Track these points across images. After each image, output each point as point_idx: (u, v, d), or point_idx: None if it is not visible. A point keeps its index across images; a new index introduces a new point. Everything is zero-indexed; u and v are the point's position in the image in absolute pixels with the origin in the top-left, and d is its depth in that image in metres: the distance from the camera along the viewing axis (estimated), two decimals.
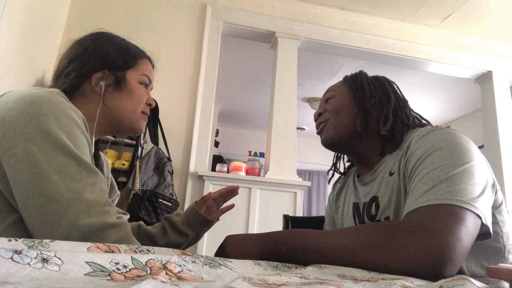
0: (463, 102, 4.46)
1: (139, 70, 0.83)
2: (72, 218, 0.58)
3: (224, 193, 0.98)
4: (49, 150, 0.60)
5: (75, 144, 0.63)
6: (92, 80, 0.78)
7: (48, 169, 0.59)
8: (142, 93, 0.83)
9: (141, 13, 2.59)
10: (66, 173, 0.60)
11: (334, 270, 0.54)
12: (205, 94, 2.52)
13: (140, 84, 0.83)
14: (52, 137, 0.61)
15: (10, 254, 0.34)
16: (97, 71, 0.78)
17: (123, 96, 0.80)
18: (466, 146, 0.67)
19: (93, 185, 0.63)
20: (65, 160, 0.61)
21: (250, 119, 5.58)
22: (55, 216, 0.58)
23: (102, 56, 0.79)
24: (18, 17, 1.82)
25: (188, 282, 0.38)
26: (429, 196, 0.60)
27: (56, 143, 0.61)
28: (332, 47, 2.91)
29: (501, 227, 0.72)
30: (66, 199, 0.58)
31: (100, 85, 0.78)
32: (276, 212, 2.37)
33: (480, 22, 2.95)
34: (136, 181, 1.99)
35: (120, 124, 0.81)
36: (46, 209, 0.58)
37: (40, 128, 0.61)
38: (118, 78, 0.80)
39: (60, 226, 0.58)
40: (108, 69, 0.79)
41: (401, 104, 0.89)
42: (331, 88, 0.96)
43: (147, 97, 0.84)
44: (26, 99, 0.63)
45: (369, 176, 0.88)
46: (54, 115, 0.63)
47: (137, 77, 0.82)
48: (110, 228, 0.61)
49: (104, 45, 0.81)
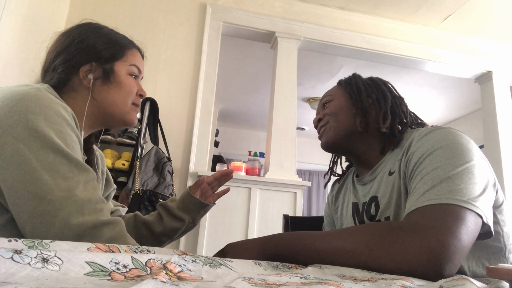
0: (463, 102, 4.46)
1: (128, 60, 0.81)
2: (65, 217, 0.57)
3: (218, 177, 0.97)
4: (38, 149, 0.59)
5: (65, 142, 0.62)
6: (80, 73, 0.76)
7: (38, 169, 0.58)
8: (131, 84, 0.81)
9: (141, 13, 2.59)
10: (56, 171, 0.59)
11: (334, 270, 0.54)
12: (205, 94, 2.52)
13: (129, 76, 0.81)
14: (41, 135, 0.60)
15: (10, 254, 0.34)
16: (84, 64, 0.76)
17: (112, 89, 0.78)
18: (466, 145, 0.67)
19: (85, 183, 0.62)
20: (55, 158, 0.60)
21: (250, 119, 5.58)
22: (48, 216, 0.57)
23: (89, 48, 0.77)
24: (18, 17, 1.82)
25: (188, 282, 0.38)
26: (430, 196, 0.60)
27: (46, 142, 0.60)
28: (332, 47, 2.91)
29: (502, 227, 0.72)
30: (57, 198, 0.58)
31: (88, 78, 0.76)
32: (276, 212, 2.37)
33: (480, 22, 2.95)
34: (136, 181, 1.99)
35: (111, 117, 0.80)
36: (38, 209, 0.57)
37: (29, 126, 0.59)
38: (107, 70, 0.78)
39: (53, 226, 0.57)
40: (95, 61, 0.77)
41: (398, 102, 0.91)
42: (327, 93, 0.97)
43: (137, 88, 0.82)
44: (14, 97, 0.62)
45: (368, 175, 0.88)
46: (43, 113, 0.61)
47: (126, 68, 0.80)
48: (103, 225, 0.61)
49: (90, 36, 0.78)
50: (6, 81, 1.79)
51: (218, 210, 2.32)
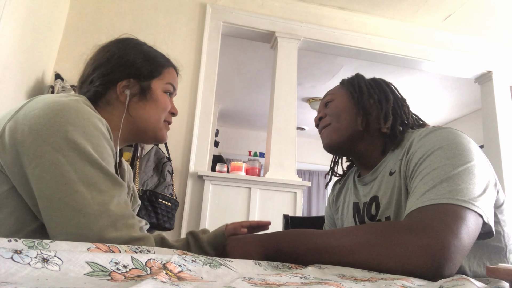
0: (463, 102, 4.46)
1: (165, 78, 0.82)
2: (99, 231, 0.58)
3: (255, 225, 0.96)
4: (76, 161, 0.59)
5: (101, 156, 0.63)
6: (117, 88, 0.77)
7: (75, 180, 0.58)
8: (166, 102, 0.82)
9: (141, 13, 2.59)
10: (93, 185, 0.59)
11: (334, 270, 0.54)
12: (205, 94, 2.52)
13: (164, 93, 0.82)
14: (79, 147, 0.60)
15: (10, 254, 0.34)
16: (122, 79, 0.77)
17: (148, 106, 0.79)
18: (467, 145, 0.67)
19: (118, 197, 0.62)
20: (91, 171, 0.60)
21: (250, 119, 5.58)
22: (83, 229, 0.57)
23: (128, 64, 0.78)
24: (18, 17, 1.82)
25: (188, 282, 0.38)
26: (430, 195, 0.60)
27: (83, 154, 0.60)
28: (332, 47, 2.91)
29: (503, 227, 0.72)
30: (93, 212, 0.58)
31: (125, 94, 0.77)
32: (276, 212, 2.37)
33: (480, 22, 2.95)
34: (136, 181, 1.99)
35: (144, 133, 0.81)
36: (73, 221, 0.57)
37: (67, 138, 0.60)
38: (144, 87, 0.78)
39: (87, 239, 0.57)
40: (133, 77, 0.78)
41: (400, 103, 0.90)
42: (329, 92, 0.97)
43: (170, 105, 0.83)
44: (54, 107, 0.62)
45: (369, 176, 0.88)
46: (82, 125, 0.62)
47: (162, 86, 0.81)
48: (135, 241, 0.61)
49: (130, 53, 0.79)
50: (6, 82, 1.79)
51: (218, 210, 2.32)
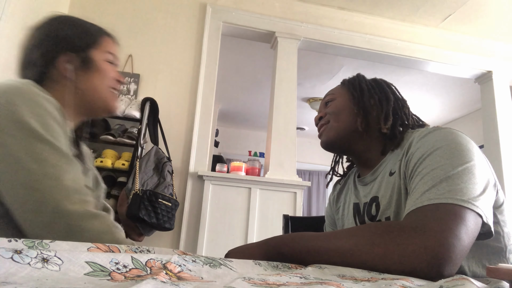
0: (463, 102, 4.45)
1: (102, 48, 0.83)
2: (54, 205, 0.59)
3: None
4: (24, 140, 0.60)
5: (51, 134, 0.64)
6: (58, 65, 0.77)
7: (24, 159, 0.59)
8: (109, 70, 0.83)
9: (141, 13, 2.58)
10: (44, 160, 0.60)
11: (334, 270, 0.54)
12: (205, 94, 2.52)
13: (107, 62, 0.83)
14: (26, 126, 0.61)
15: (10, 254, 0.34)
16: (61, 54, 0.77)
17: (92, 76, 0.80)
18: (466, 145, 0.67)
19: (72, 173, 0.63)
20: (41, 147, 0.61)
21: (250, 119, 5.58)
22: (38, 204, 0.58)
23: (63, 39, 0.79)
24: (18, 17, 1.82)
25: (188, 282, 0.38)
26: (429, 195, 0.60)
27: (31, 132, 0.61)
28: (332, 47, 2.91)
29: (503, 227, 0.72)
30: (45, 187, 0.59)
31: (68, 69, 0.77)
32: (276, 212, 2.37)
33: (480, 22, 2.95)
34: (136, 181, 1.99)
35: (94, 104, 0.81)
36: (27, 198, 0.58)
37: (14, 119, 0.61)
38: (84, 59, 0.79)
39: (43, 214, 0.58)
40: (71, 51, 0.78)
41: (400, 104, 0.91)
42: (330, 92, 0.97)
43: (115, 73, 0.84)
44: None
45: (369, 176, 0.88)
46: (28, 105, 0.63)
47: (102, 55, 0.82)
48: (93, 217, 0.62)
49: (62, 28, 0.80)
50: None
51: (218, 210, 2.33)
